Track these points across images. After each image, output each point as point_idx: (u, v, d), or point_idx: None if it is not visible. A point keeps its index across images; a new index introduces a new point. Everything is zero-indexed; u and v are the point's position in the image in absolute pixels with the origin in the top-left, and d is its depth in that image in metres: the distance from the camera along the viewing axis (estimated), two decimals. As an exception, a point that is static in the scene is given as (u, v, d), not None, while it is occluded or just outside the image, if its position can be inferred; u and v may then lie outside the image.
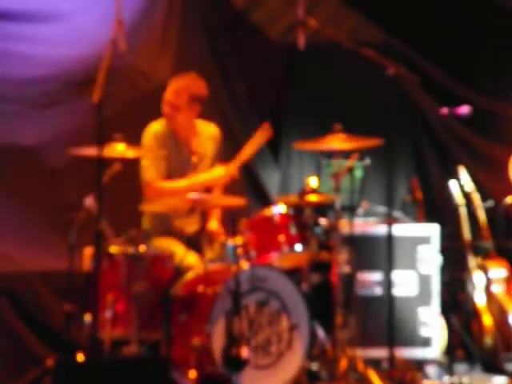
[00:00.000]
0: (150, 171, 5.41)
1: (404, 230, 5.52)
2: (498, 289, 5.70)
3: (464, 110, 5.07)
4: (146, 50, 6.54)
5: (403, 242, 5.48)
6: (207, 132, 5.66)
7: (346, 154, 5.31)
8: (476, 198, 5.86)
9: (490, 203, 5.86)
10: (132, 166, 5.42)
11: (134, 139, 5.44)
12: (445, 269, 5.49)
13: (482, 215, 5.84)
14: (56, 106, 6.24)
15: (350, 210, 5.30)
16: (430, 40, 6.90)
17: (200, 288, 4.94)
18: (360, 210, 5.68)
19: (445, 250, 5.48)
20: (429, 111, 6.97)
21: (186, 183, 5.40)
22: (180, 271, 5.00)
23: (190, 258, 5.15)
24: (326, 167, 5.57)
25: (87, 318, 4.82)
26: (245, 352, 4.68)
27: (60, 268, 5.13)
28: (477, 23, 6.81)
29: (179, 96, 5.46)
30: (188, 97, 5.46)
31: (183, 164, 5.54)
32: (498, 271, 5.73)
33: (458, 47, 6.87)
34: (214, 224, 5.58)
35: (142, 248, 4.96)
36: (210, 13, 6.94)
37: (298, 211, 5.27)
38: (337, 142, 5.21)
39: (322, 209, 5.57)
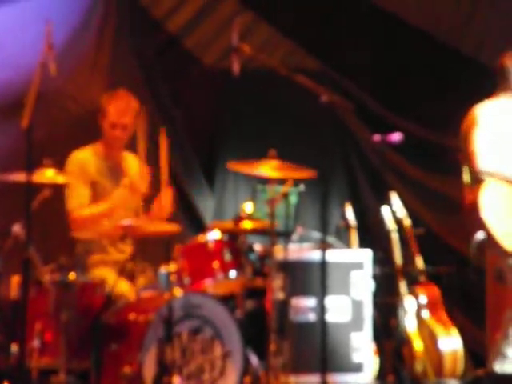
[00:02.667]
0: (70, 201, 5.36)
1: (337, 255, 5.54)
2: (428, 314, 5.75)
3: (395, 137, 5.13)
4: (77, 73, 6.49)
5: (337, 267, 5.49)
6: (133, 162, 5.62)
7: (281, 180, 5.31)
8: (407, 224, 5.92)
9: (421, 229, 5.93)
10: (62, 191, 5.34)
11: (64, 165, 5.37)
12: (377, 294, 5.52)
13: (412, 241, 5.90)
14: (-16, 130, 6.15)
15: (285, 235, 5.30)
16: (363, 67, 6.99)
17: (132, 316, 4.88)
18: (294, 236, 5.68)
19: (377, 276, 5.51)
20: (362, 138, 7.05)
21: (102, 207, 5.33)
22: (111, 299, 4.93)
23: (121, 286, 5.09)
24: (261, 193, 5.57)
25: (14, 347, 4.72)
26: (176, 380, 4.63)
27: (-14, 296, 5.02)
28: (411, 52, 6.92)
29: (127, 115, 5.44)
30: (132, 116, 5.45)
31: (115, 187, 5.49)
32: (428, 296, 5.79)
33: (391, 75, 6.97)
34: None
35: (72, 275, 4.88)
36: (142, 38, 6.92)
37: (232, 237, 5.25)
38: (270, 168, 5.21)
39: (256, 235, 5.56)
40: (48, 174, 4.89)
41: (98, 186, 5.42)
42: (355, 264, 5.54)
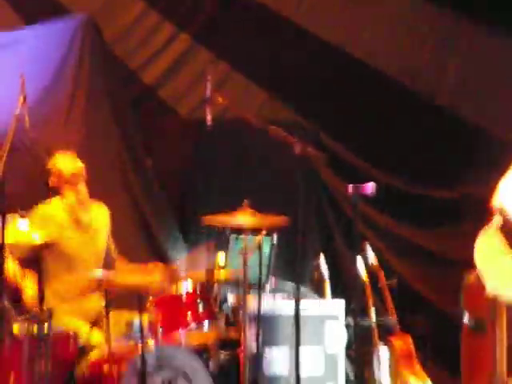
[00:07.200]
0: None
1: (311, 306, 5.53)
2: (401, 365, 5.75)
3: (369, 187, 5.14)
4: (51, 125, 6.49)
5: (310, 318, 5.48)
6: (98, 211, 5.63)
7: (255, 230, 5.32)
8: (381, 274, 5.94)
9: (395, 280, 5.95)
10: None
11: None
12: (351, 345, 5.51)
13: (386, 292, 5.91)
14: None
15: (258, 286, 5.29)
16: (338, 118, 7.06)
17: (105, 367, 4.83)
18: (268, 287, 5.67)
19: (351, 326, 5.50)
20: (335, 188, 7.10)
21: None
22: (85, 350, 4.89)
23: (94, 337, 5.05)
24: (235, 243, 5.57)
25: (-13, 399, 4.69)
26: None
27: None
28: (386, 102, 7.00)
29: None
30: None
31: (81, 238, 5.48)
32: (402, 347, 5.79)
33: (366, 125, 7.03)
34: None
35: (46, 327, 4.84)
36: (117, 88, 6.96)
37: (206, 288, 5.24)
38: (245, 218, 5.22)
39: (230, 285, 5.55)
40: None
41: (62, 239, 5.39)
42: (329, 315, 5.55)
